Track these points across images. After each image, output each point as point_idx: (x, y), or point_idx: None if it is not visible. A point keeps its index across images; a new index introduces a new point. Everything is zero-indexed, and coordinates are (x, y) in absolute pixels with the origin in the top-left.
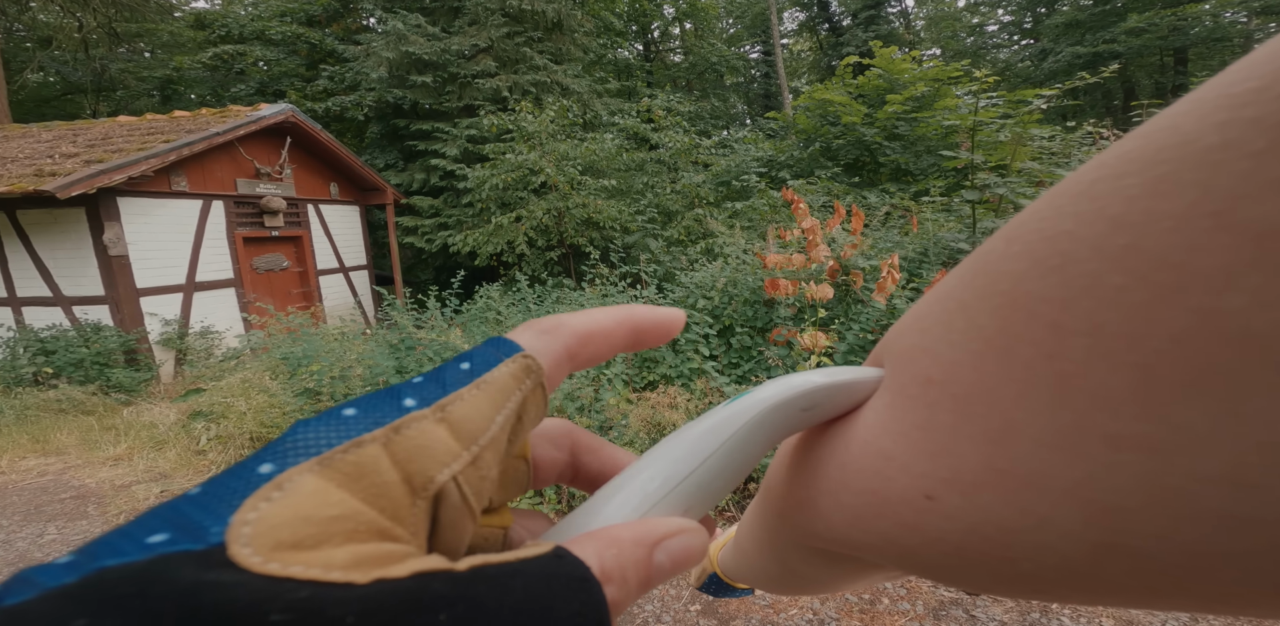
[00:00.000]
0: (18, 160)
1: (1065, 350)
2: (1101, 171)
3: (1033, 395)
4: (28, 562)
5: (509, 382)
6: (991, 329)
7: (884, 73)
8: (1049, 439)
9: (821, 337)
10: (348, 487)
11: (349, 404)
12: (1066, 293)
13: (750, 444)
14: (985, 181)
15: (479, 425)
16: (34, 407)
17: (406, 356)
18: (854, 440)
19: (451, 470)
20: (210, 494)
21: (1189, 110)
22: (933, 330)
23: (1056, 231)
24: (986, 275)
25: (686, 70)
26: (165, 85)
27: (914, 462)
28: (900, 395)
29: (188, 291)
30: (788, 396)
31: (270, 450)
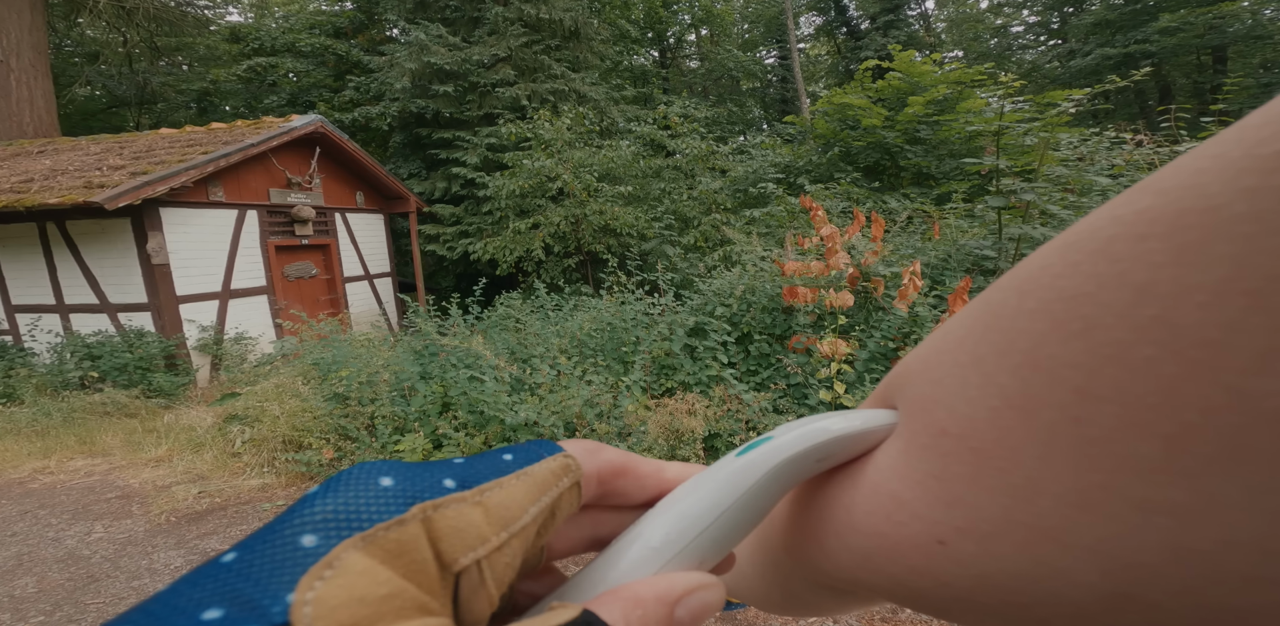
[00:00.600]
0: (68, 172)
1: (1093, 416)
2: (1118, 229)
3: (1057, 456)
4: (76, 560)
5: (548, 478)
6: (1011, 388)
7: (904, 76)
8: (1073, 498)
9: (842, 345)
10: (390, 565)
11: (385, 470)
12: (1092, 360)
13: (764, 497)
14: (1011, 187)
15: (513, 513)
16: (81, 410)
17: (430, 362)
18: (864, 483)
19: (477, 555)
20: (253, 564)
21: (1211, 168)
22: (946, 382)
23: (1077, 292)
24: (1001, 332)
25: (703, 76)
26: (202, 97)
27: (927, 510)
28: (914, 443)
29: (223, 298)
30: (803, 449)
31: (306, 518)
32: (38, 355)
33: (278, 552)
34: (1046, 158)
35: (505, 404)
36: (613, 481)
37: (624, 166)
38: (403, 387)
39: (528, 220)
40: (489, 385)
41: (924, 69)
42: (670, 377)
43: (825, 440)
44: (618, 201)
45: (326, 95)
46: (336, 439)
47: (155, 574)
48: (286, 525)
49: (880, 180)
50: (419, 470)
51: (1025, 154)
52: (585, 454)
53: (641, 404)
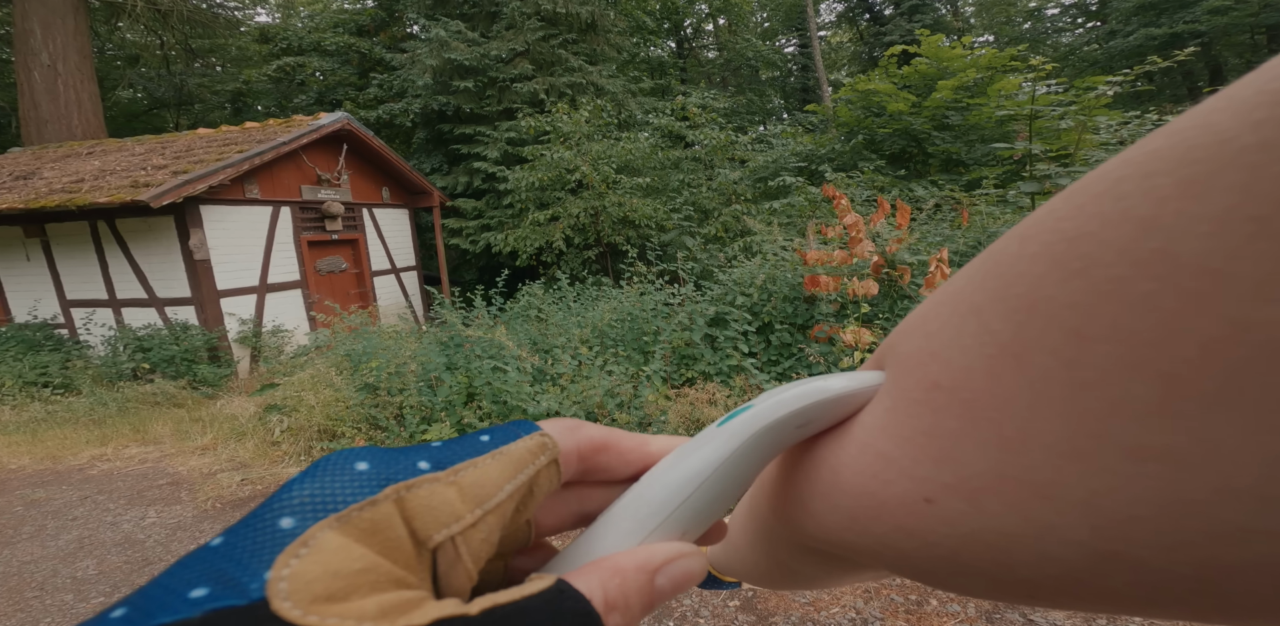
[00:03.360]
0: (116, 172)
1: (1086, 358)
2: (1127, 169)
3: (1049, 403)
4: (132, 544)
5: (525, 456)
6: (1006, 334)
7: (932, 61)
8: (1064, 448)
9: (865, 334)
10: (366, 542)
11: (360, 457)
12: (1089, 298)
13: (745, 465)
14: (1046, 171)
15: (488, 491)
16: (134, 400)
17: (456, 353)
18: (851, 442)
19: (450, 531)
20: (236, 546)
21: (1224, 107)
22: (941, 334)
23: (1079, 233)
24: (1000, 278)
25: (721, 66)
26: (236, 98)
27: (915, 466)
28: (903, 399)
29: (261, 293)
30: (782, 416)
31: (285, 503)
32: (92, 347)
33: (258, 535)
34: (1084, 141)
35: (528, 394)
36: (594, 457)
37: (642, 158)
38: (429, 378)
39: (547, 212)
40: (512, 375)
41: (953, 53)
42: (691, 367)
43: (804, 406)
44: (636, 193)
45: (352, 93)
46: (368, 428)
47: None
48: (267, 510)
49: (906, 168)
50: (395, 455)
51: (1061, 137)
52: (565, 431)
53: (662, 394)
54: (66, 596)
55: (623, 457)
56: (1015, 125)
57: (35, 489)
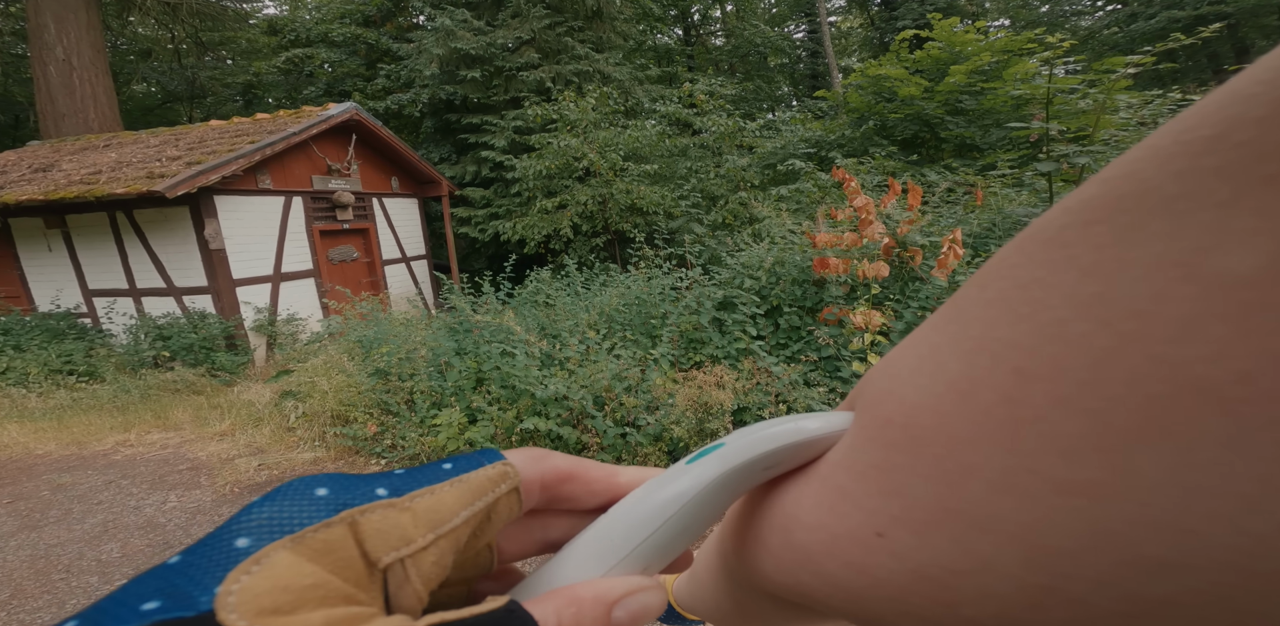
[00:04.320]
0: (132, 164)
1: (1025, 396)
2: (1068, 217)
3: (988, 439)
4: (154, 527)
5: (484, 484)
6: (956, 372)
7: (945, 45)
8: (1000, 481)
9: (876, 316)
10: (317, 561)
11: (321, 483)
12: (1033, 339)
13: (710, 504)
14: (1063, 152)
15: (442, 517)
16: (155, 387)
17: (465, 338)
18: (814, 477)
19: (400, 553)
20: (192, 564)
21: (1145, 156)
22: (901, 374)
23: (1029, 279)
24: (959, 321)
25: (729, 53)
26: (247, 90)
27: (867, 499)
28: (861, 435)
29: (275, 281)
30: (750, 458)
31: (243, 524)
32: (115, 336)
33: (214, 553)
34: (1103, 121)
35: (536, 378)
36: (559, 487)
37: (649, 145)
38: (439, 363)
39: (555, 200)
40: (520, 360)
41: (966, 38)
42: (699, 351)
43: (775, 448)
44: (643, 180)
45: (360, 84)
46: (379, 413)
47: None
48: (226, 531)
49: (919, 153)
50: (355, 481)
51: (1079, 118)
52: (530, 460)
53: (670, 377)
54: (92, 578)
55: (589, 488)
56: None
57: (62, 473)
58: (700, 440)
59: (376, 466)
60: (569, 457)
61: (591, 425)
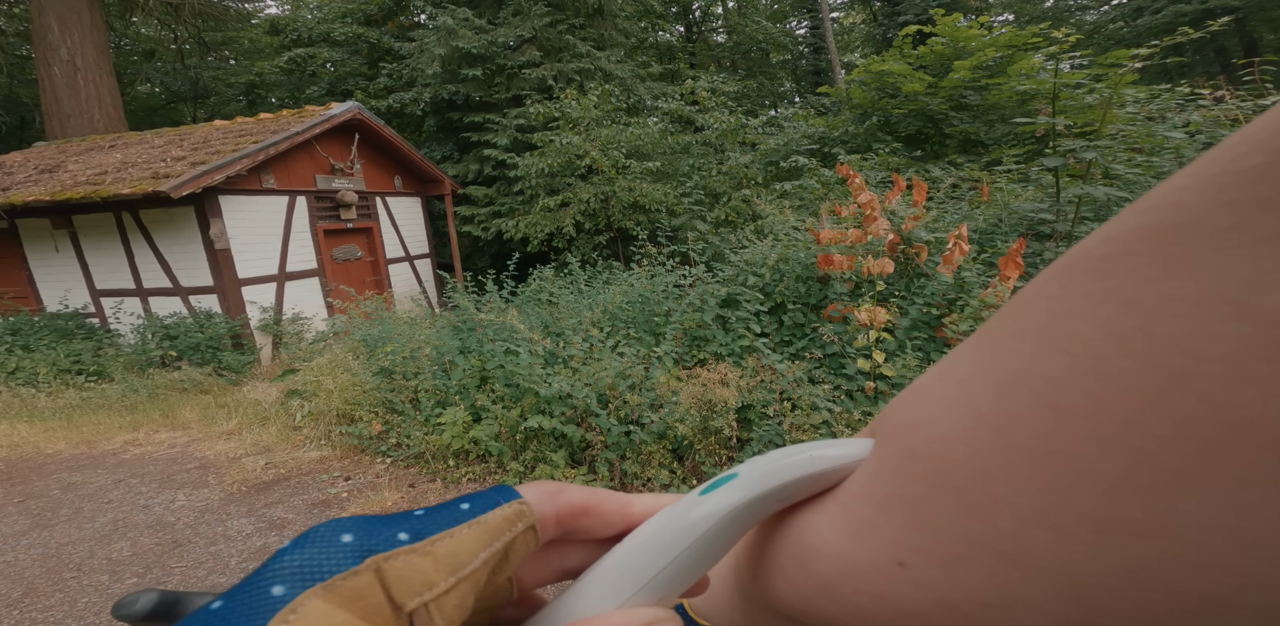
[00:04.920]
0: (137, 164)
1: (1061, 432)
2: (1109, 247)
3: (1021, 474)
4: (163, 526)
5: (501, 525)
6: (987, 405)
7: (948, 41)
8: (1033, 517)
9: (881, 312)
10: (348, 608)
11: (346, 529)
12: (1070, 373)
13: (725, 536)
14: (1070, 147)
15: (462, 560)
16: (163, 387)
17: (469, 336)
18: (833, 505)
19: (423, 599)
20: (233, 611)
21: (1192, 185)
22: (927, 405)
23: (1066, 311)
24: (991, 352)
25: (730, 50)
26: (250, 90)
27: (890, 530)
28: (883, 466)
29: (280, 281)
30: (767, 490)
31: (276, 571)
32: (122, 336)
33: (253, 601)
34: (1110, 116)
35: (539, 376)
36: (574, 521)
37: (652, 143)
38: (443, 362)
39: (557, 198)
40: (524, 358)
41: (970, 33)
42: (702, 348)
43: (790, 480)
44: (646, 178)
45: (362, 83)
46: (384, 412)
47: (230, 540)
48: (261, 578)
49: (923, 149)
50: (378, 525)
51: (1086, 113)
52: (545, 496)
53: (673, 375)
54: (102, 577)
55: (604, 520)
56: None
57: (72, 473)
58: (704, 438)
59: (382, 465)
60: (583, 490)
61: (595, 423)
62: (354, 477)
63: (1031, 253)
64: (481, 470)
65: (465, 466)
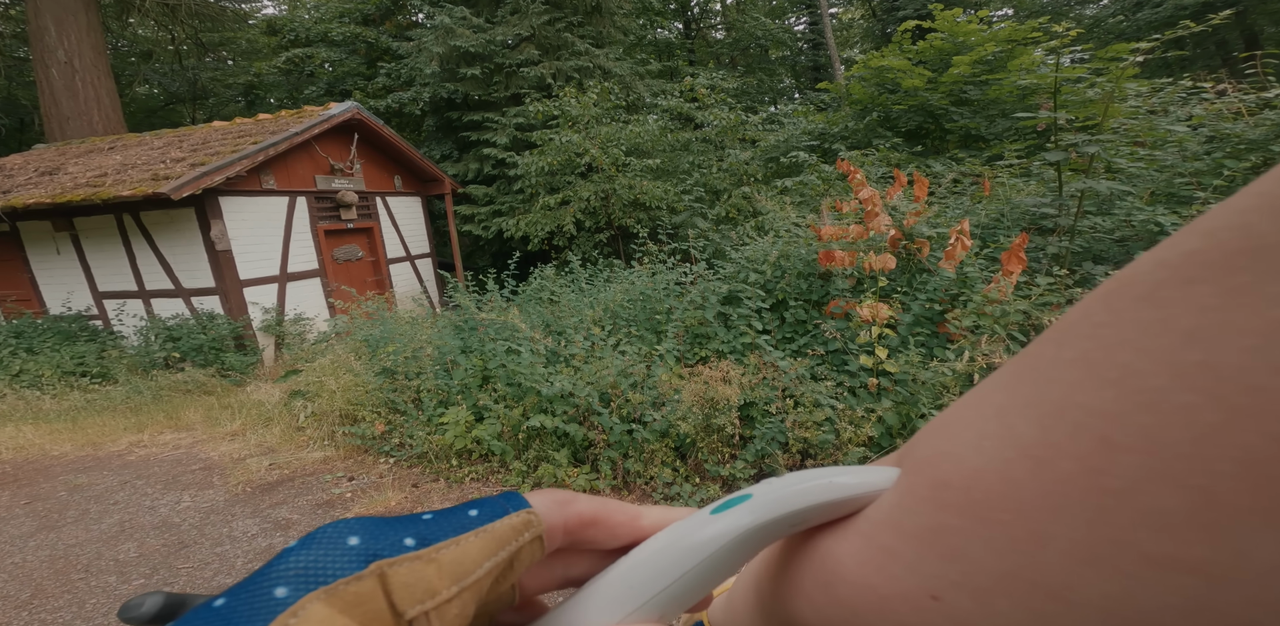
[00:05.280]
0: (137, 166)
1: (1113, 466)
2: (1164, 273)
3: (1068, 508)
4: (169, 527)
5: (507, 534)
6: (1029, 438)
7: (947, 36)
8: (1083, 552)
9: (883, 308)
10: (349, 613)
11: (353, 530)
12: (1123, 407)
13: (732, 558)
14: (1072, 141)
15: (466, 568)
16: (167, 388)
17: (470, 336)
18: (855, 534)
19: (424, 607)
20: (235, 610)
21: (1259, 206)
22: (961, 435)
23: (1117, 340)
24: (1032, 382)
25: (729, 46)
26: (248, 90)
27: (920, 562)
28: (910, 496)
29: (281, 282)
30: (780, 515)
31: (281, 572)
32: (126, 338)
33: (255, 601)
34: (1112, 110)
35: (541, 375)
36: (582, 532)
37: (651, 140)
38: (445, 361)
39: (557, 196)
40: (525, 357)
41: (969, 28)
42: (704, 346)
43: (804, 507)
44: (646, 175)
45: (361, 83)
46: (387, 412)
47: (235, 541)
48: (265, 577)
49: (924, 144)
50: (385, 528)
51: (1087, 107)
52: (554, 506)
53: (675, 373)
54: (110, 578)
55: (612, 532)
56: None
57: (78, 474)
58: (707, 436)
59: (385, 465)
60: (593, 501)
61: (598, 422)
62: (358, 478)
63: (1034, 247)
64: (485, 469)
65: (468, 466)
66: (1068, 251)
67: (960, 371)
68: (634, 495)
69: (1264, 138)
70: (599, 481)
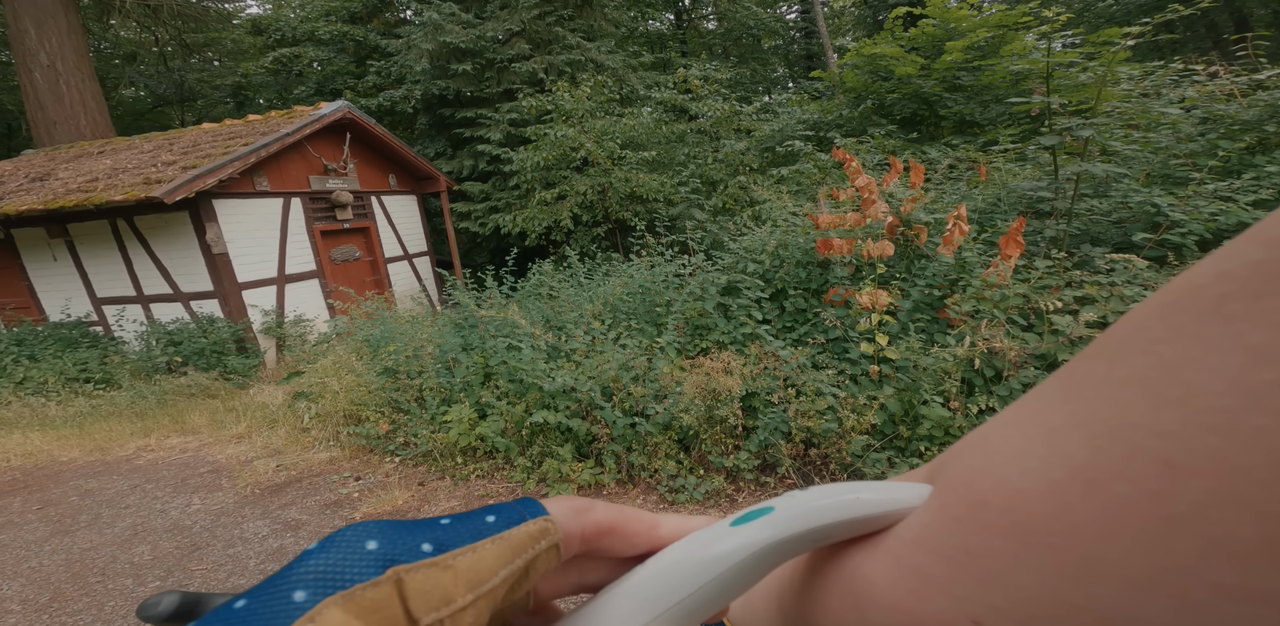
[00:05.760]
0: (128, 170)
1: (1177, 491)
2: (1228, 286)
3: (1125, 533)
4: (181, 530)
5: (524, 541)
6: (1081, 459)
7: (939, 22)
8: (1142, 581)
9: (882, 295)
10: (365, 619)
11: (371, 534)
12: (1187, 428)
13: (750, 572)
14: (1066, 125)
15: (483, 576)
16: (171, 392)
17: (471, 333)
18: (884, 553)
19: (440, 614)
20: (255, 612)
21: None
22: (1000, 454)
23: (1178, 358)
24: (1082, 400)
25: (721, 37)
26: (237, 91)
27: (957, 586)
28: (944, 515)
29: (280, 284)
30: (801, 530)
31: (300, 575)
32: (127, 343)
33: (274, 604)
34: (1105, 94)
35: (543, 371)
36: (599, 540)
37: (646, 133)
38: (446, 359)
39: (554, 191)
40: (526, 353)
41: (960, 14)
42: (705, 337)
43: (825, 523)
44: (642, 168)
45: (351, 82)
46: (390, 412)
47: (246, 542)
48: (284, 580)
49: (919, 131)
50: (403, 532)
51: (1080, 91)
52: (572, 514)
53: (677, 365)
54: (126, 581)
55: (629, 541)
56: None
57: (88, 479)
58: (710, 427)
59: (391, 464)
60: (610, 509)
61: (600, 416)
62: (364, 477)
63: (1032, 231)
64: (490, 466)
65: (473, 463)
66: (1065, 234)
67: (961, 356)
68: (638, 488)
69: (1257, 118)
70: (603, 475)
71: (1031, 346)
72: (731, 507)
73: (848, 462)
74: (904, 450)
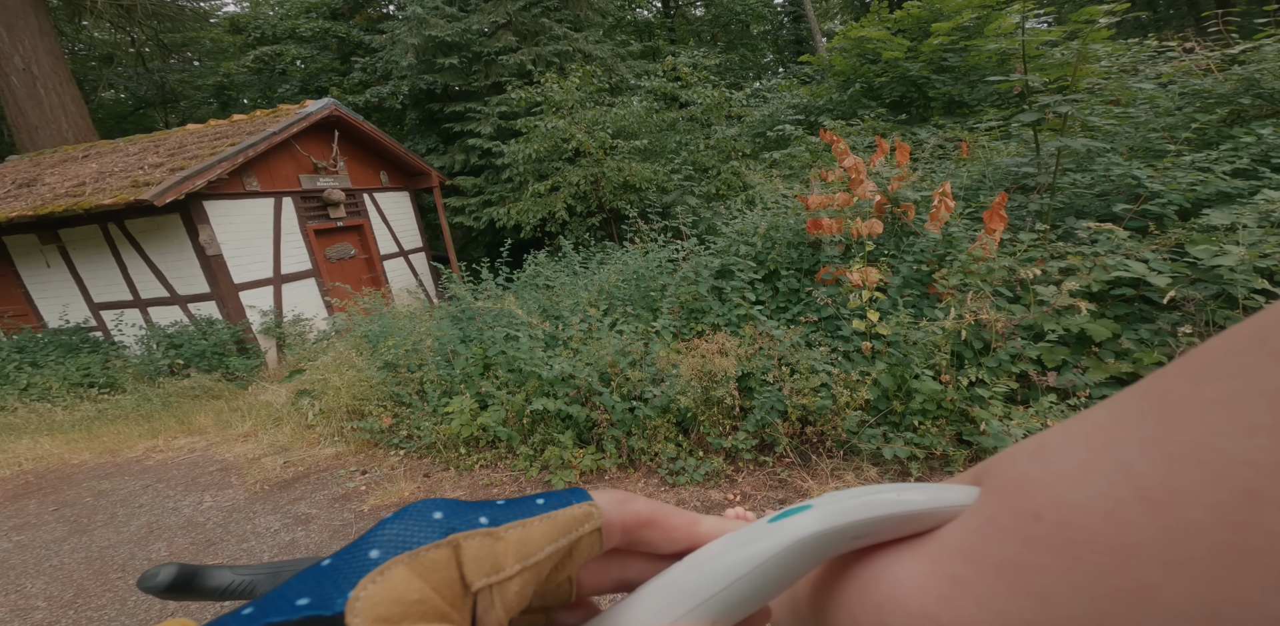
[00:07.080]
0: (115, 173)
1: (1259, 522)
2: None
3: (1192, 563)
4: (194, 527)
5: (570, 522)
6: (1151, 480)
7: (924, 4)
8: (1198, 611)
9: (872, 272)
10: (425, 578)
11: (438, 507)
12: (1277, 459)
13: (789, 568)
14: (1045, 102)
15: (530, 549)
16: (175, 394)
17: (468, 325)
18: (922, 556)
19: (489, 580)
20: (336, 569)
21: None
22: (1060, 464)
23: (1273, 384)
24: (1159, 419)
25: (710, 23)
26: (220, 92)
27: (994, 598)
28: (993, 524)
29: (277, 284)
30: (840, 525)
31: (378, 537)
32: (128, 347)
33: (354, 561)
34: (1084, 71)
35: (541, 359)
36: (639, 531)
37: (637, 122)
38: (445, 352)
39: (547, 183)
40: (524, 342)
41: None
42: (700, 320)
43: (863, 519)
44: (634, 157)
45: (336, 79)
46: (393, 406)
47: (259, 537)
48: (366, 542)
49: (908, 113)
50: (463, 508)
51: (1061, 69)
52: (614, 503)
53: (673, 348)
54: None
55: (668, 535)
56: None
57: (100, 480)
58: (707, 408)
59: (396, 457)
60: (651, 503)
61: (599, 402)
62: (370, 471)
63: (1017, 205)
64: (493, 456)
65: (476, 453)
66: (1049, 208)
67: (949, 329)
68: (639, 472)
69: (1233, 91)
70: (604, 460)
71: (1018, 317)
72: (731, 488)
73: (844, 439)
74: (898, 425)
